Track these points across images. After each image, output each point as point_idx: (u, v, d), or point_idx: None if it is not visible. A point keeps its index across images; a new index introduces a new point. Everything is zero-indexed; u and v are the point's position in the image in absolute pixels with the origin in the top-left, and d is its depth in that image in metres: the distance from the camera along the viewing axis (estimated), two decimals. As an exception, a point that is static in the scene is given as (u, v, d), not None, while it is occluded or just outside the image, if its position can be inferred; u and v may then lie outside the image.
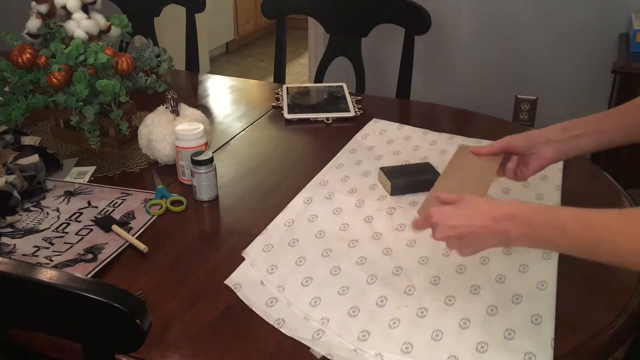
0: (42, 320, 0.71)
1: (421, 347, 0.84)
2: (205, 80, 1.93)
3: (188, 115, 1.31)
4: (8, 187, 1.15)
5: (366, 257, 1.02)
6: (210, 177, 1.18)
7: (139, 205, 1.17)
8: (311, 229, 1.10)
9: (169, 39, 2.33)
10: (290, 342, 0.85)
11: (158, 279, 0.99)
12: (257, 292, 0.95)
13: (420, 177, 1.23)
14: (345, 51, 1.86)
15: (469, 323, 0.88)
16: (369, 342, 0.85)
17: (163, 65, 1.47)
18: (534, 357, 0.81)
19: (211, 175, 1.18)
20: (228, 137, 1.47)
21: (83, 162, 1.35)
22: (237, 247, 1.05)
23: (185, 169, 1.23)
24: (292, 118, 1.54)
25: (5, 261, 0.69)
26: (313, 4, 1.92)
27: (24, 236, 1.08)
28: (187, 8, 1.96)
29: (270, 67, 2.03)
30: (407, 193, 1.21)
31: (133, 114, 1.43)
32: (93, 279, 0.67)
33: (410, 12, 1.74)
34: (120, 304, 0.63)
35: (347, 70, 1.88)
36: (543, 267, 0.98)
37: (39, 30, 1.37)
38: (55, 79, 1.27)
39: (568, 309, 0.90)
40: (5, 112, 1.30)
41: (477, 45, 2.54)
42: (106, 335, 0.69)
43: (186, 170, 1.23)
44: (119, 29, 1.44)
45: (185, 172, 1.24)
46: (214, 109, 1.67)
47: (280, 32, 1.92)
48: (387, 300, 0.92)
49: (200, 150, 1.20)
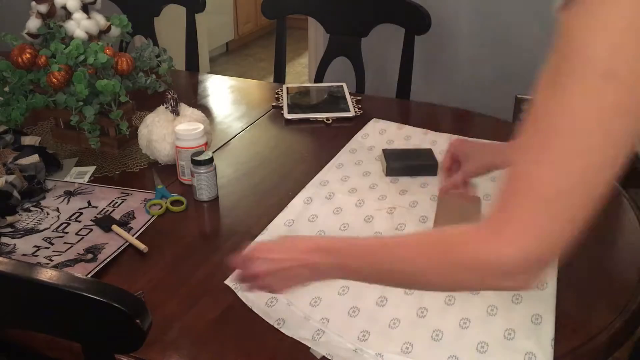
0: (42, 320, 0.71)
1: (421, 347, 0.84)
2: (205, 80, 1.93)
3: (188, 115, 1.31)
4: (8, 187, 1.15)
5: (366, 257, 1.02)
6: (210, 177, 1.18)
7: (139, 205, 1.17)
8: (311, 228, 1.10)
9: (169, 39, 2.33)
10: (290, 342, 0.85)
11: (158, 279, 0.99)
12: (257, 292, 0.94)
13: (417, 161, 1.26)
14: (345, 51, 1.85)
15: (469, 323, 0.88)
16: (369, 342, 0.85)
17: (163, 65, 1.47)
18: (534, 357, 0.81)
19: (211, 175, 1.18)
20: (228, 137, 1.47)
21: (83, 162, 1.35)
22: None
23: (185, 169, 1.23)
24: (292, 118, 1.54)
25: (5, 261, 0.69)
26: (313, 4, 1.92)
27: (24, 236, 1.08)
28: (187, 8, 1.96)
29: (270, 67, 2.03)
30: (402, 175, 1.24)
31: (133, 114, 1.43)
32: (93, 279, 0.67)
33: (410, 12, 1.74)
34: (120, 304, 0.63)
35: (347, 70, 1.88)
36: (543, 267, 0.98)
37: (39, 30, 1.37)
38: (55, 79, 1.27)
39: (568, 309, 0.90)
40: (5, 112, 1.30)
41: (477, 45, 2.54)
42: (106, 335, 0.69)
43: (186, 170, 1.23)
44: (119, 29, 1.44)
45: (185, 172, 1.24)
46: (214, 109, 1.67)
47: (280, 32, 1.92)
48: (387, 300, 0.92)
49: (200, 150, 1.20)
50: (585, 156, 0.58)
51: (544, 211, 0.59)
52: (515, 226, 0.60)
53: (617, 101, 0.56)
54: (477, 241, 0.63)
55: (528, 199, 0.60)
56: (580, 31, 0.56)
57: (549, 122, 0.59)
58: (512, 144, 0.93)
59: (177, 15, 2.12)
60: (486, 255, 0.62)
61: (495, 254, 0.62)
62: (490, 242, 0.62)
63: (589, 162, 0.58)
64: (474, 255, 0.64)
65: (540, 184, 0.59)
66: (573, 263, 1.00)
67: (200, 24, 2.19)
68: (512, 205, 0.61)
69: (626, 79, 0.55)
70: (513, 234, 0.60)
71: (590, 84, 0.56)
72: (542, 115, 0.60)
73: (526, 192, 0.60)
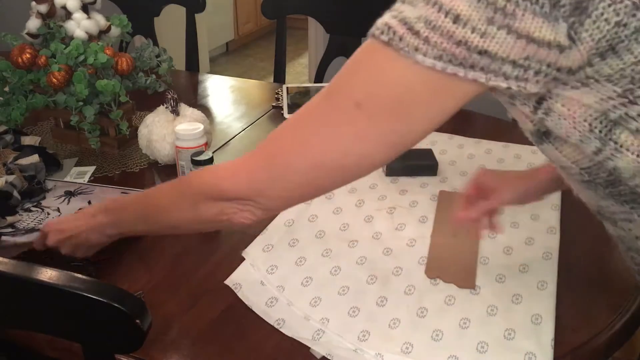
0: (42, 320, 0.71)
1: (421, 347, 0.84)
2: (205, 80, 1.93)
3: (188, 115, 1.31)
4: (8, 187, 1.15)
5: (366, 257, 1.02)
6: (210, 177, 1.18)
7: None
8: (311, 228, 1.10)
9: (169, 39, 2.33)
10: (290, 342, 0.85)
11: (158, 279, 0.99)
12: (257, 292, 0.95)
13: (417, 161, 1.25)
14: (345, 51, 1.85)
15: (469, 323, 0.88)
16: (369, 342, 0.85)
17: (163, 65, 1.47)
18: (534, 357, 0.81)
19: (211, 175, 1.18)
20: (228, 137, 1.47)
21: (83, 162, 1.35)
22: (237, 247, 1.05)
23: (185, 169, 1.23)
24: (292, 118, 1.54)
25: (5, 261, 0.69)
26: (313, 4, 1.92)
27: (25, 234, 1.09)
28: (187, 8, 1.96)
29: (270, 67, 2.03)
30: (402, 175, 1.24)
31: (133, 114, 1.43)
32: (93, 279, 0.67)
33: (410, 12, 1.74)
34: (120, 304, 0.63)
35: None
36: (543, 267, 0.98)
37: (39, 30, 1.37)
38: (55, 79, 1.27)
39: (568, 309, 0.90)
40: (5, 112, 1.30)
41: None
42: (106, 335, 0.69)
43: (186, 170, 1.23)
44: (119, 29, 1.44)
45: (185, 172, 1.24)
46: (214, 109, 1.67)
47: (280, 32, 1.92)
48: (387, 300, 0.92)
49: (200, 150, 1.20)
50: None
51: (266, 168, 0.73)
52: (239, 168, 0.76)
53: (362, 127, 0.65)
54: (205, 174, 0.80)
55: (261, 154, 0.74)
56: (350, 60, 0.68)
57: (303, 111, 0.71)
58: (540, 169, 0.95)
59: (177, 15, 2.12)
60: (207, 182, 0.77)
61: (213, 182, 0.77)
62: (214, 174, 0.78)
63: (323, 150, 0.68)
64: (199, 181, 0.79)
65: (278, 153, 0.72)
66: (573, 263, 1.00)
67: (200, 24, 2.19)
68: (249, 155, 0.75)
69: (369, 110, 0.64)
70: (234, 173, 0.75)
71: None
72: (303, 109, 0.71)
73: (265, 148, 0.75)
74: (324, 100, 0.68)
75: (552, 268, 0.98)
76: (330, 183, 0.73)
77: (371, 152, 0.67)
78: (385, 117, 0.64)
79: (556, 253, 1.01)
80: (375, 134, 0.65)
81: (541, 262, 1.00)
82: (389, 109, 0.63)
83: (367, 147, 0.66)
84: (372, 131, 0.65)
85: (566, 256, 1.01)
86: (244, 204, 0.75)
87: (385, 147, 0.67)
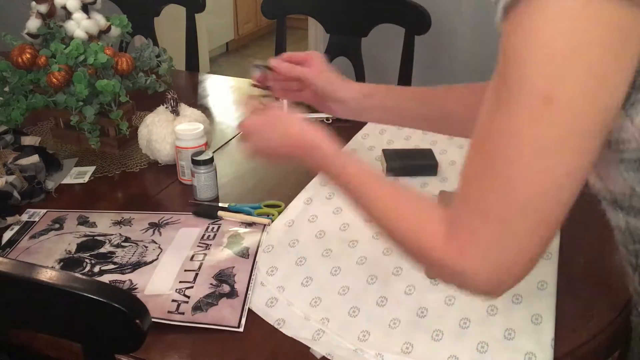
0: (42, 320, 0.71)
1: (421, 347, 0.84)
2: (205, 80, 1.93)
3: (188, 115, 1.31)
4: (8, 187, 1.15)
5: (366, 257, 1.02)
6: (210, 177, 1.18)
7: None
8: (311, 229, 1.10)
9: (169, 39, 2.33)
10: (290, 342, 0.85)
11: (158, 279, 0.99)
12: (257, 292, 0.95)
13: (417, 161, 1.26)
14: (345, 51, 1.85)
15: (469, 323, 0.88)
16: (369, 342, 0.85)
17: (163, 65, 1.47)
18: (534, 357, 0.81)
19: (211, 175, 1.18)
20: (228, 137, 1.47)
21: (83, 162, 1.35)
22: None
23: (185, 169, 1.24)
24: (292, 118, 1.54)
25: (5, 261, 0.69)
26: (313, 4, 1.92)
27: (135, 270, 0.98)
28: (187, 8, 1.96)
29: (270, 67, 2.03)
30: (402, 175, 1.25)
31: (133, 114, 1.43)
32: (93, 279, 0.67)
33: (410, 12, 1.74)
34: (120, 304, 0.63)
35: (347, 70, 1.87)
36: (543, 267, 0.98)
37: (39, 30, 1.37)
38: (55, 79, 1.27)
39: (568, 309, 0.90)
40: (5, 112, 1.30)
41: (477, 45, 2.53)
42: (106, 335, 0.69)
43: (186, 170, 1.23)
44: (119, 29, 1.44)
45: (185, 172, 1.24)
46: (214, 109, 1.67)
47: (280, 32, 1.92)
48: (387, 300, 0.92)
49: (200, 150, 1.20)
50: (529, 183, 0.56)
51: (497, 240, 0.59)
52: (475, 249, 0.61)
53: (561, 126, 0.54)
54: (445, 252, 0.63)
55: (483, 224, 0.60)
56: (519, 50, 0.54)
57: (492, 147, 0.58)
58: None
59: (177, 15, 2.12)
60: (452, 265, 0.63)
61: (460, 268, 0.62)
62: (455, 258, 0.62)
63: (535, 188, 0.57)
64: (438, 256, 0.64)
65: (487, 212, 0.59)
66: (573, 263, 1.00)
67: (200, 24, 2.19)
68: (473, 227, 0.61)
69: (567, 103, 0.53)
70: (474, 257, 0.61)
71: (530, 109, 0.54)
72: (485, 139, 0.59)
73: (480, 216, 0.60)
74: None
75: (552, 268, 0.98)
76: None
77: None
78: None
79: (556, 253, 1.01)
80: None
81: (541, 262, 0.99)
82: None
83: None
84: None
85: (566, 256, 1.01)
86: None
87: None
